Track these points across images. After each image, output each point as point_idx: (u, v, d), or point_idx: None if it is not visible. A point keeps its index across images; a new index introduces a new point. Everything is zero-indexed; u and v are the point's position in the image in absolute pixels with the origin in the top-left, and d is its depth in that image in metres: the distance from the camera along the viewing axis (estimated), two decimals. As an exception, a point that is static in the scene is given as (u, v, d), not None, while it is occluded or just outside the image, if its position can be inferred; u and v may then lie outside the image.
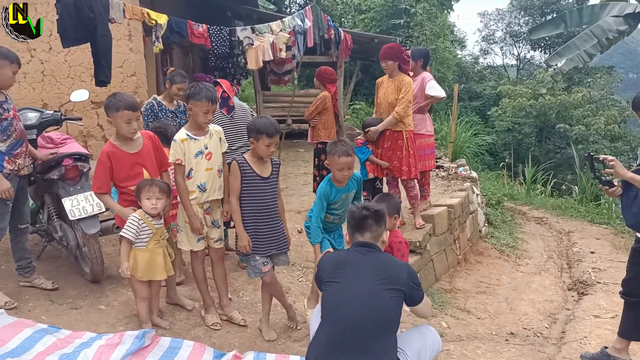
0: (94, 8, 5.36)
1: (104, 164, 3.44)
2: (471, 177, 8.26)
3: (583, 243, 8.03)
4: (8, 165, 3.67)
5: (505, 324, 5.05)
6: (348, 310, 2.64)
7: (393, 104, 5.23)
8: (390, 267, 2.76)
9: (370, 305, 2.62)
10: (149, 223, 3.40)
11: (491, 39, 28.42)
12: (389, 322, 2.67)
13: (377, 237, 2.85)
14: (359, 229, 2.84)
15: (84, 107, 7.00)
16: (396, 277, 2.69)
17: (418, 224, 5.55)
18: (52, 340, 3.25)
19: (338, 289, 2.73)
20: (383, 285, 2.65)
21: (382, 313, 2.64)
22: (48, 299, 3.91)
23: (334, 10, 18.70)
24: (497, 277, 6.45)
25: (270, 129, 3.37)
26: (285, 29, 7.92)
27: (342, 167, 3.47)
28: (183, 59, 11.79)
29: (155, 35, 6.21)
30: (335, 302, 2.73)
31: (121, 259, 3.36)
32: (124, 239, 3.36)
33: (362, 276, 2.71)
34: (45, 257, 4.71)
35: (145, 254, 3.42)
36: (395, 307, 2.68)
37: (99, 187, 3.46)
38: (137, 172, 3.53)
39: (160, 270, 3.49)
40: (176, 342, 3.40)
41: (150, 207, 3.38)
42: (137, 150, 3.54)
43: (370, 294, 2.65)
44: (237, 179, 3.42)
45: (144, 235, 3.39)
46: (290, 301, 4.01)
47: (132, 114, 3.41)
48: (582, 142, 16.13)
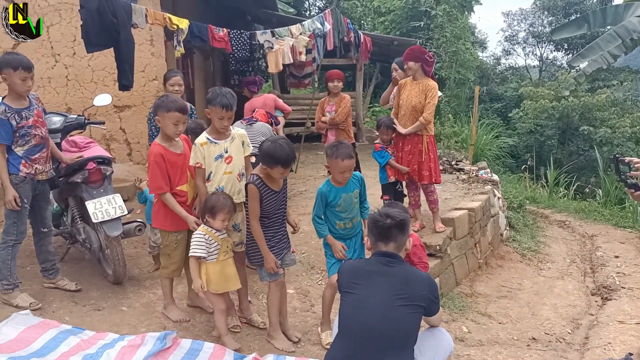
0: (117, 14, 5.44)
1: (159, 164, 3.50)
2: (492, 180, 8.17)
3: (607, 247, 7.91)
4: (24, 169, 3.72)
5: (527, 329, 4.99)
6: (365, 324, 2.60)
7: (416, 107, 5.21)
8: (412, 281, 2.69)
9: (388, 320, 2.58)
10: (215, 237, 3.38)
11: (514, 40, 28.08)
12: (406, 337, 2.63)
13: (401, 247, 2.81)
14: (383, 238, 2.78)
15: (106, 110, 7.12)
16: (417, 291, 2.64)
17: (438, 227, 5.51)
18: (76, 341, 3.30)
19: (355, 300, 2.69)
20: (402, 301, 2.60)
21: (400, 329, 2.60)
22: (71, 300, 3.98)
23: (353, 12, 18.71)
24: (518, 281, 6.37)
25: (286, 160, 3.32)
26: (305, 32, 7.95)
27: (344, 169, 3.47)
28: (203, 62, 11.89)
29: (176, 39, 6.28)
30: (352, 314, 2.68)
31: (193, 277, 3.36)
32: (192, 257, 3.35)
33: (382, 289, 2.66)
34: (68, 258, 4.79)
35: (217, 267, 3.41)
36: (414, 323, 2.65)
37: (159, 187, 3.52)
38: (183, 172, 3.62)
39: (234, 280, 3.51)
40: (197, 344, 3.42)
41: (222, 226, 3.39)
42: (181, 151, 3.65)
43: (388, 308, 2.59)
44: (257, 202, 3.40)
45: (212, 249, 3.38)
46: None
47: (182, 116, 3.53)
48: (606, 144, 15.85)
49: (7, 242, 3.76)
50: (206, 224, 3.40)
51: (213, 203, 3.34)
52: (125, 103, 7.12)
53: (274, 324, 3.63)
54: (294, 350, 3.60)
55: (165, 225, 3.69)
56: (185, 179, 3.66)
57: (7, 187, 3.64)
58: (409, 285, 2.65)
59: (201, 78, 11.67)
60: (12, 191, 3.64)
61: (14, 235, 3.76)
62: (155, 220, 3.75)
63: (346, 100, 5.92)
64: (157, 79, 7.25)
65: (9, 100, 3.69)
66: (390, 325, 2.58)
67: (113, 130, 7.35)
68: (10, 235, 3.76)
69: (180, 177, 3.63)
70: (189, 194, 3.67)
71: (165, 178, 3.54)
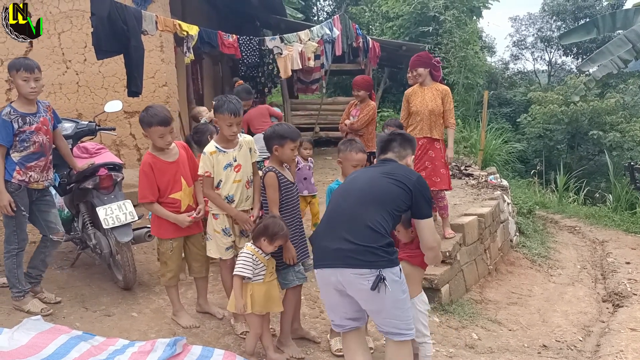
0: (127, 21, 5.50)
1: (147, 173, 3.53)
2: (502, 185, 8.14)
3: (618, 253, 7.85)
4: (18, 176, 3.66)
5: (537, 336, 4.95)
6: (350, 192, 2.93)
7: (434, 110, 5.22)
8: (401, 169, 2.97)
9: (372, 185, 2.88)
10: (262, 258, 3.32)
11: (522, 44, 27.95)
12: (388, 199, 2.82)
13: (400, 158, 3.05)
14: (382, 150, 3.10)
15: (117, 116, 7.16)
16: (404, 176, 2.88)
17: (447, 234, 5.49)
18: (87, 347, 3.31)
19: (345, 181, 3.13)
20: (389, 178, 2.87)
21: (382, 191, 2.84)
22: (82, 306, 3.99)
23: (361, 18, 18.71)
24: (528, 287, 6.33)
25: (294, 133, 3.47)
26: (313, 38, 7.98)
27: (357, 163, 3.52)
28: (212, 68, 11.96)
29: (186, 46, 6.33)
30: (340, 188, 3.10)
31: (235, 297, 3.29)
32: (236, 276, 3.27)
33: (369, 171, 3.04)
34: (79, 264, 4.81)
35: (263, 288, 3.33)
36: (396, 193, 2.84)
37: (144, 196, 3.55)
38: (177, 181, 3.63)
39: (277, 302, 3.44)
40: (207, 350, 3.42)
41: (273, 250, 3.33)
42: (174, 159, 3.65)
43: (374, 179, 2.91)
44: (276, 190, 3.43)
45: (258, 270, 3.31)
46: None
47: (164, 129, 3.51)
48: (616, 149, 15.75)
49: (10, 251, 3.75)
50: (255, 244, 3.31)
51: (276, 230, 3.23)
52: (135, 109, 7.15)
53: (285, 332, 3.62)
54: (303, 357, 3.59)
55: (159, 232, 3.71)
56: (179, 186, 3.64)
57: (1, 191, 3.58)
58: (398, 171, 2.94)
59: (210, 84, 11.74)
60: (6, 196, 3.58)
61: (15, 243, 3.74)
62: (152, 227, 3.78)
63: (369, 108, 5.79)
64: (167, 85, 7.31)
65: (17, 104, 3.69)
66: (374, 188, 2.86)
67: (123, 135, 7.39)
68: (12, 244, 3.74)
69: (173, 186, 3.62)
70: (182, 201, 3.67)
71: (153, 188, 3.55)
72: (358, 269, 2.70)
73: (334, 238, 2.81)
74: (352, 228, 2.76)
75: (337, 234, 2.81)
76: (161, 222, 3.67)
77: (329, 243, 2.82)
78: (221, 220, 3.60)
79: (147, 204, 3.60)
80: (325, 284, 2.92)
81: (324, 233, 2.92)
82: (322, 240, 2.89)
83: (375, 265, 2.68)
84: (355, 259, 2.70)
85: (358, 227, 2.75)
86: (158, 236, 3.75)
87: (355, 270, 2.71)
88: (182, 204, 3.67)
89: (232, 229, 3.63)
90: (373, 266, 2.68)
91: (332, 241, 2.81)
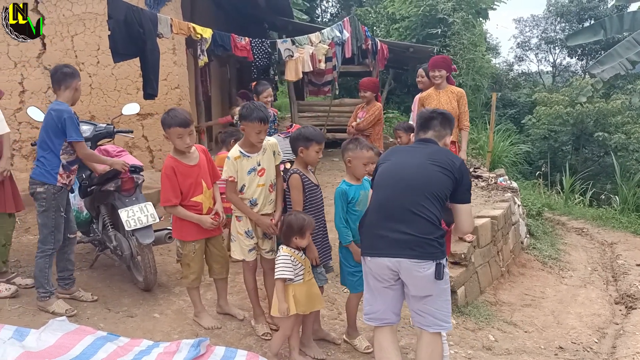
0: (144, 24, 5.53)
1: (170, 177, 3.55)
2: (511, 187, 8.16)
3: (628, 255, 7.86)
4: (61, 179, 3.79)
5: (553, 338, 4.97)
6: (400, 177, 2.95)
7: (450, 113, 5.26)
8: (444, 153, 3.02)
9: (421, 175, 2.91)
10: (299, 258, 3.35)
11: (526, 46, 27.97)
12: (438, 192, 2.89)
13: (440, 138, 3.09)
14: (423, 127, 3.13)
15: (129, 118, 7.17)
16: (448, 162, 2.93)
17: (467, 237, 5.49)
18: (113, 348, 3.34)
19: (391, 164, 3.06)
20: (435, 165, 2.92)
21: (432, 182, 2.89)
22: (105, 307, 4.03)
23: (366, 19, 18.73)
24: (541, 289, 6.35)
25: (319, 136, 3.53)
26: (324, 40, 8.01)
27: (367, 161, 3.52)
28: (220, 70, 11.99)
29: (200, 48, 6.36)
30: (388, 172, 3.05)
31: (278, 299, 3.27)
32: (279, 280, 3.28)
33: (416, 155, 3.02)
34: (97, 265, 4.85)
35: (304, 287, 3.36)
36: (445, 181, 2.90)
37: (168, 199, 3.57)
38: (198, 184, 3.65)
39: (320, 299, 3.48)
40: (230, 351, 3.45)
41: (308, 241, 3.37)
42: (195, 162, 3.68)
43: (422, 167, 2.94)
44: (300, 191, 3.47)
45: (297, 270, 3.34)
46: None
47: (184, 130, 3.54)
48: (621, 150, 15.75)
49: (45, 251, 3.82)
50: (289, 245, 3.34)
51: (300, 223, 3.27)
52: (148, 111, 7.18)
53: (307, 333, 3.65)
54: (325, 358, 3.62)
55: (182, 235, 3.74)
56: (200, 190, 3.67)
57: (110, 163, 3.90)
58: (442, 154, 2.99)
59: (217, 85, 11.76)
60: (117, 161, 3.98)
61: (51, 243, 3.83)
62: (174, 230, 3.82)
63: (375, 109, 5.86)
64: (179, 87, 7.33)
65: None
66: (425, 178, 2.90)
67: (136, 137, 7.40)
68: (48, 244, 3.82)
69: (195, 189, 3.65)
70: (203, 204, 3.70)
71: (176, 191, 3.58)
72: (417, 260, 2.83)
73: (390, 228, 2.90)
74: (408, 219, 2.87)
75: (392, 224, 2.90)
76: (183, 225, 3.69)
77: (385, 232, 2.92)
78: (244, 223, 3.64)
79: (170, 207, 3.62)
80: (377, 272, 3.00)
81: (377, 222, 2.98)
82: (377, 229, 2.97)
83: (433, 257, 2.84)
84: (414, 250, 2.83)
85: (414, 218, 2.86)
86: (180, 239, 3.79)
87: (414, 260, 2.84)
88: (204, 206, 3.71)
89: (255, 231, 3.67)
90: (431, 257, 2.84)
91: (388, 231, 2.91)
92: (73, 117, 3.74)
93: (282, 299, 3.26)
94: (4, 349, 3.13)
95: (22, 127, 7.50)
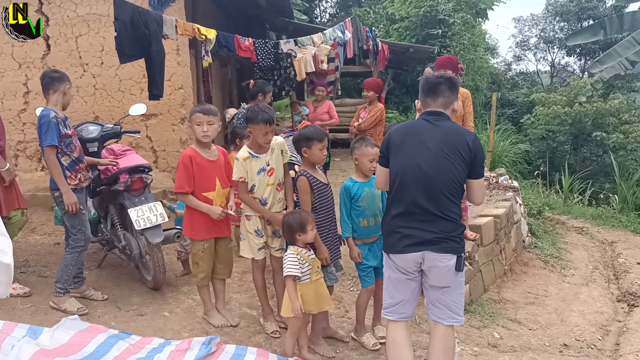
0: (149, 25, 5.56)
1: (186, 165, 3.60)
2: (513, 186, 8.22)
3: (628, 254, 7.92)
4: (70, 181, 3.84)
5: (557, 335, 5.03)
6: (420, 177, 2.91)
7: (456, 114, 5.33)
8: (458, 134, 2.96)
9: (440, 170, 2.90)
10: (306, 257, 3.37)
11: (525, 45, 28.02)
12: (456, 185, 2.91)
13: (448, 105, 3.05)
14: (431, 94, 3.04)
15: (133, 119, 7.21)
16: (463, 145, 2.91)
17: (469, 235, 5.55)
18: (125, 346, 3.37)
19: (407, 157, 3.00)
20: (451, 155, 2.90)
21: (451, 179, 2.89)
22: (115, 306, 4.06)
23: (365, 19, 18.78)
24: (543, 287, 6.41)
25: (320, 134, 3.53)
26: (327, 41, 8.05)
27: (373, 157, 3.56)
28: (221, 70, 12.01)
29: (204, 49, 6.39)
30: (404, 169, 2.99)
31: (290, 298, 3.28)
32: (288, 277, 3.29)
33: (430, 144, 2.94)
34: (105, 264, 4.88)
35: (311, 287, 3.37)
36: (461, 172, 2.92)
37: (181, 186, 3.61)
38: (211, 180, 3.69)
39: (328, 299, 3.49)
40: (240, 349, 3.48)
41: (313, 236, 3.38)
42: (214, 159, 3.72)
43: (439, 160, 2.90)
44: (307, 194, 3.51)
45: (304, 269, 3.34)
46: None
47: (205, 117, 3.61)
48: (619, 149, 15.83)
49: (75, 247, 3.91)
50: (296, 244, 3.37)
51: (298, 220, 3.31)
52: (152, 111, 7.21)
53: (317, 332, 3.69)
54: (334, 356, 3.66)
55: (192, 234, 3.77)
56: (212, 186, 3.71)
57: (67, 191, 3.77)
58: (454, 136, 2.95)
59: (218, 85, 11.79)
60: (72, 195, 3.78)
61: (82, 241, 3.92)
62: (185, 228, 3.85)
63: (377, 109, 5.95)
64: (183, 88, 7.36)
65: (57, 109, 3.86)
66: (442, 177, 2.89)
67: (139, 137, 7.44)
68: (79, 242, 3.91)
69: (208, 184, 3.70)
70: (215, 201, 3.73)
71: (190, 179, 3.62)
72: (442, 253, 2.92)
73: (415, 228, 2.96)
74: (432, 219, 2.92)
75: (417, 224, 2.95)
76: (194, 224, 3.73)
77: (409, 232, 2.97)
78: (254, 222, 3.68)
79: (182, 195, 3.66)
80: (402, 266, 3.05)
81: (402, 222, 3.00)
82: (401, 229, 3.00)
83: (455, 251, 2.95)
84: (438, 244, 2.92)
85: (438, 219, 2.92)
86: (190, 237, 3.83)
87: (439, 254, 2.93)
88: (214, 203, 3.74)
89: (265, 230, 3.70)
90: (454, 251, 2.95)
91: (413, 230, 2.96)
92: (51, 122, 3.71)
93: (295, 298, 3.29)
94: (19, 347, 3.15)
95: (27, 128, 7.53)
